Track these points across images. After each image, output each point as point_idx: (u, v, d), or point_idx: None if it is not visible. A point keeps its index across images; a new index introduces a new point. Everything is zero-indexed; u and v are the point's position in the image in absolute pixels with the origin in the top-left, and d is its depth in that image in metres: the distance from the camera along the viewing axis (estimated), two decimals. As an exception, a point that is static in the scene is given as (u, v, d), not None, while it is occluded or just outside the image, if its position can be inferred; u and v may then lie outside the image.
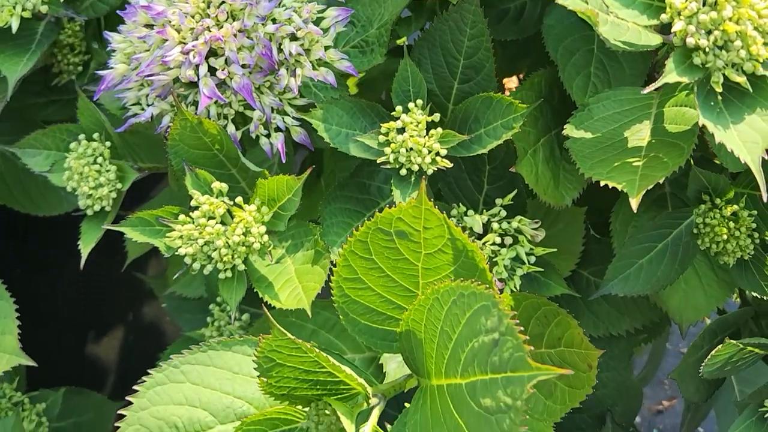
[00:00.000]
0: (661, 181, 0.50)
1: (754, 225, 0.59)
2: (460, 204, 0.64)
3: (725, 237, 0.60)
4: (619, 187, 0.52)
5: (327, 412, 0.51)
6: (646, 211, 0.67)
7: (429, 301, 0.49)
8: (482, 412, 0.45)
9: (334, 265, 0.52)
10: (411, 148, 0.60)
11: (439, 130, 0.61)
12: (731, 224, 0.59)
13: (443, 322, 0.49)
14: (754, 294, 0.62)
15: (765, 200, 0.44)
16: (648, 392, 1.52)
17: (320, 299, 0.64)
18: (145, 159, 0.70)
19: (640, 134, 0.56)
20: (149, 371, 0.52)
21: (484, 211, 0.64)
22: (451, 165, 0.61)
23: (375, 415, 0.54)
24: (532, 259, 0.63)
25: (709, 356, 0.58)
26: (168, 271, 0.83)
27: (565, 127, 0.57)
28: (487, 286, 0.45)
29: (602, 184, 0.53)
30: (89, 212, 0.66)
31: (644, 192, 0.51)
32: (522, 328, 0.43)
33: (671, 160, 0.52)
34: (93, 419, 0.99)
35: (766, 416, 0.60)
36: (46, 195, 0.87)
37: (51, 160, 0.69)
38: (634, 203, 0.50)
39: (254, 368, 0.47)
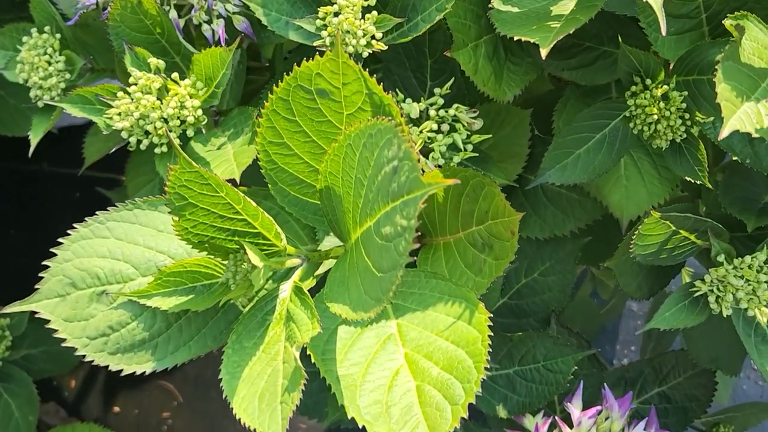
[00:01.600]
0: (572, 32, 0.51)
1: (684, 105, 0.60)
2: (398, 91, 0.65)
3: (656, 117, 0.60)
4: (532, 40, 0.52)
5: (245, 264, 0.52)
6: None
7: (342, 149, 0.50)
8: (383, 242, 0.46)
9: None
10: (347, 31, 0.61)
11: (375, 13, 0.62)
12: (662, 104, 0.60)
13: (357, 169, 0.50)
14: (688, 178, 0.62)
15: (664, 34, 0.44)
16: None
17: (263, 188, 0.65)
18: (99, 60, 0.71)
19: (564, 6, 0.56)
20: (75, 225, 0.53)
21: (422, 99, 0.65)
22: (386, 47, 0.62)
23: (297, 274, 0.54)
24: (470, 147, 0.64)
25: (636, 233, 0.58)
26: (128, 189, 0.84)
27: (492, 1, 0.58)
28: (391, 118, 0.46)
29: (522, 39, 0.53)
30: (39, 104, 0.68)
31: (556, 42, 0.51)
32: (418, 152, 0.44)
33: (585, 16, 0.52)
34: (64, 348, 1.00)
35: (696, 295, 0.60)
36: (16, 117, 0.89)
37: (6, 59, 0.71)
38: (544, 53, 0.51)
39: (165, 204, 0.48)
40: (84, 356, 0.52)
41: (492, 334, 0.51)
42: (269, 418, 0.47)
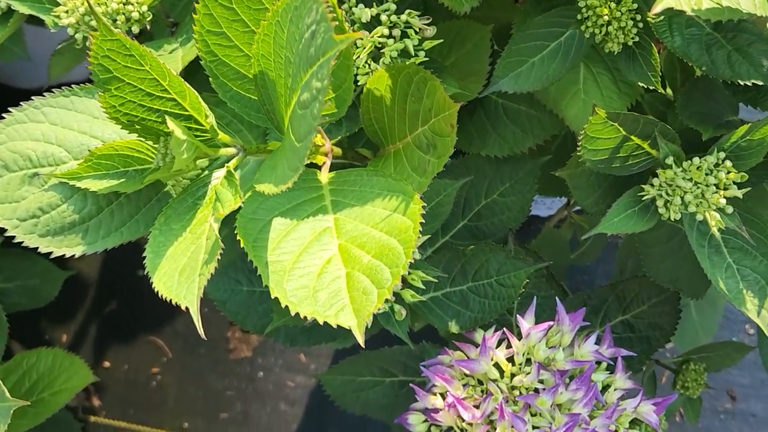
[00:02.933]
0: None
1: (635, 6, 0.58)
2: (350, -4, 0.65)
3: (607, 19, 0.59)
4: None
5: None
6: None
7: (272, 27, 0.49)
8: (302, 111, 0.45)
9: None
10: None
11: None
12: (612, 5, 0.59)
13: (286, 48, 0.49)
14: (641, 83, 0.61)
15: None
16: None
17: (213, 95, 0.65)
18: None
19: None
20: (10, 109, 0.53)
21: (375, 5, 0.64)
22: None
23: (232, 163, 0.54)
24: (421, 53, 0.63)
25: (583, 134, 0.57)
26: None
27: None
28: (315, -14, 0.45)
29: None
30: (-5, 11, 0.68)
31: None
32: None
33: None
34: (39, 284, 1.01)
35: (644, 198, 0.59)
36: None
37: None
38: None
39: (90, 77, 0.48)
40: (14, 236, 0.52)
41: (424, 221, 0.51)
42: (186, 289, 0.46)
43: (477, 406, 0.61)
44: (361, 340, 0.47)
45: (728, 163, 0.57)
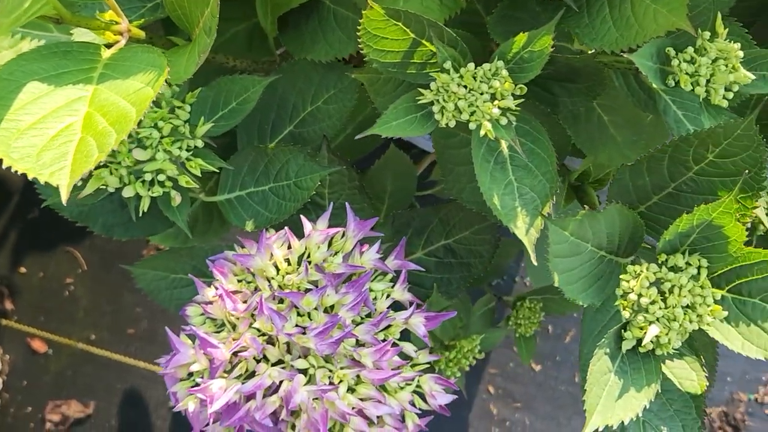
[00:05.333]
0: None
1: None
2: None
3: None
4: None
5: None
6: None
7: None
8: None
9: None
10: None
11: None
12: None
13: None
14: None
15: None
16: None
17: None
18: None
19: None
20: None
21: None
22: None
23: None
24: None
25: (361, 29, 0.56)
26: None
27: None
28: None
29: None
30: None
31: None
32: None
33: None
34: None
35: (420, 102, 0.57)
36: None
37: None
38: None
39: None
40: None
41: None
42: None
43: (246, 301, 0.61)
44: (64, 197, 0.47)
45: (504, 73, 0.56)
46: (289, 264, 0.61)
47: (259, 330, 0.59)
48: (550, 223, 0.53)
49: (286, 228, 0.62)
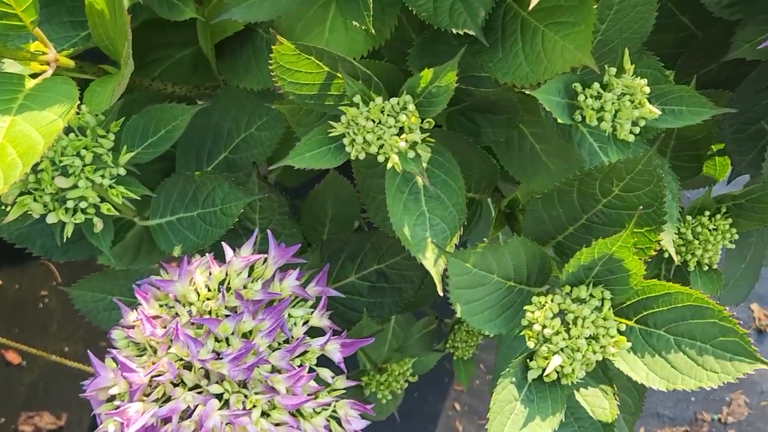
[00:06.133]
0: None
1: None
2: None
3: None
4: None
5: None
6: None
7: None
8: None
9: None
10: None
11: None
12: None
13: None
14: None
15: None
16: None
17: None
18: None
19: None
20: None
21: None
22: None
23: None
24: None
25: (273, 63, 0.57)
26: None
27: None
28: None
29: None
30: None
31: None
32: None
33: None
34: None
35: (331, 135, 0.58)
36: None
37: None
38: None
39: None
40: None
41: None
42: None
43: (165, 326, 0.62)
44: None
45: (411, 107, 0.57)
46: (210, 290, 0.63)
47: (176, 355, 0.60)
48: (449, 256, 0.55)
49: (207, 254, 0.64)
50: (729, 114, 0.67)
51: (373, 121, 0.57)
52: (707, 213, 0.67)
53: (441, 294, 0.57)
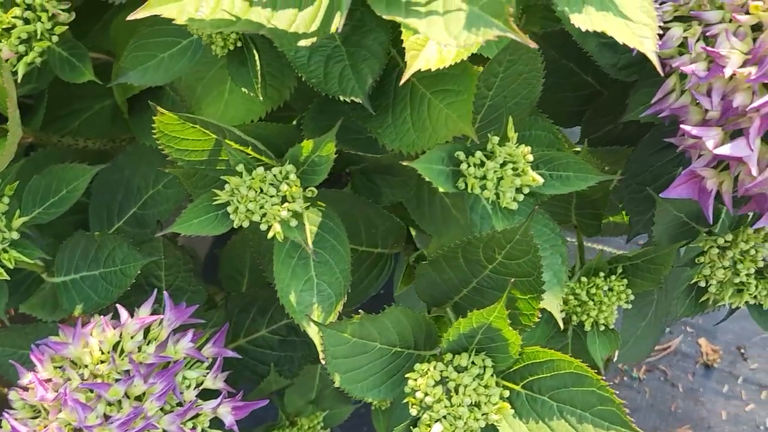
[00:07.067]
0: None
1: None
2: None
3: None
4: None
5: None
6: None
7: None
8: None
9: None
10: None
11: None
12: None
13: None
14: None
15: None
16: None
17: None
18: None
19: None
20: None
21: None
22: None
23: None
24: (55, 38, 0.64)
25: (156, 131, 0.57)
26: None
27: None
28: None
29: None
30: None
31: None
32: None
33: None
34: None
35: (216, 203, 0.59)
36: None
37: None
38: None
39: None
40: None
41: None
42: None
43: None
44: None
45: (293, 177, 0.58)
46: (103, 353, 0.63)
47: (66, 420, 0.60)
48: (323, 328, 0.55)
49: (102, 316, 0.64)
50: (627, 174, 0.68)
51: (255, 191, 0.57)
52: (602, 274, 0.67)
53: (322, 362, 0.57)
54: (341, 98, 0.60)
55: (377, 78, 0.60)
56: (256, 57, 0.60)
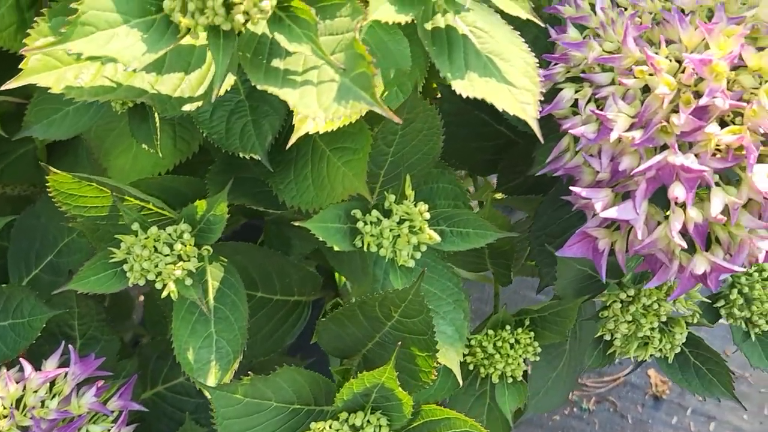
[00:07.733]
0: None
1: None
2: None
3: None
4: None
5: None
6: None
7: None
8: None
9: None
10: None
11: None
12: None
13: None
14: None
15: None
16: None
17: None
18: None
19: None
20: None
21: None
22: None
23: None
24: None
25: (51, 190, 0.58)
26: None
27: None
28: None
29: None
30: None
31: None
32: None
33: None
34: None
35: (112, 260, 0.59)
36: None
37: None
38: None
39: None
40: None
41: None
42: None
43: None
44: None
45: (187, 236, 0.58)
46: (5, 408, 0.63)
47: (-40, 477, 0.60)
48: (212, 390, 0.55)
49: (6, 370, 0.64)
50: (535, 226, 0.68)
51: (150, 250, 0.57)
52: (508, 327, 0.67)
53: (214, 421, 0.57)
54: (242, 155, 0.60)
55: (276, 135, 0.60)
56: (156, 114, 0.60)
